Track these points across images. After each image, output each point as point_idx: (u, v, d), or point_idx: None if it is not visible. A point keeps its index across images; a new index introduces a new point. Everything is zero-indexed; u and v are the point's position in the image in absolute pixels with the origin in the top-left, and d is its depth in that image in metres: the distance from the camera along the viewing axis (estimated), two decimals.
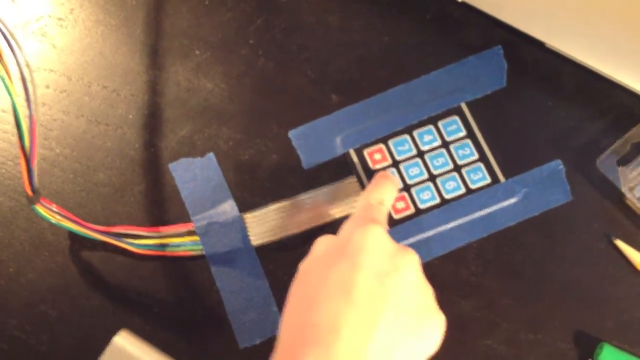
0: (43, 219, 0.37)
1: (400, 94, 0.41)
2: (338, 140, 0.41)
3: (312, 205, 0.39)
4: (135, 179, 0.40)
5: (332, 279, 0.29)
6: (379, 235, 0.30)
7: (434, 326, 0.30)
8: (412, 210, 0.40)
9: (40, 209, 0.36)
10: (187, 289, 0.39)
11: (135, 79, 0.42)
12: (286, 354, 0.28)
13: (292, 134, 0.41)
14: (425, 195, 0.40)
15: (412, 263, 0.30)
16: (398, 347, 0.28)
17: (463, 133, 0.40)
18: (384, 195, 0.34)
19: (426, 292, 0.30)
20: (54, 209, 0.37)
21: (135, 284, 0.39)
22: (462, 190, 0.40)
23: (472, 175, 0.40)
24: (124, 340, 0.35)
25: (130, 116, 0.41)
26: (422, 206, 0.40)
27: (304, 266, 0.31)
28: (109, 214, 0.40)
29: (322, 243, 0.32)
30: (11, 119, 0.38)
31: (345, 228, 0.32)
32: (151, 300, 0.38)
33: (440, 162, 0.40)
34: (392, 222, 0.39)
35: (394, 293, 0.29)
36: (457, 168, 0.40)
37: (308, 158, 0.41)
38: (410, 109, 0.41)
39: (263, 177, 0.40)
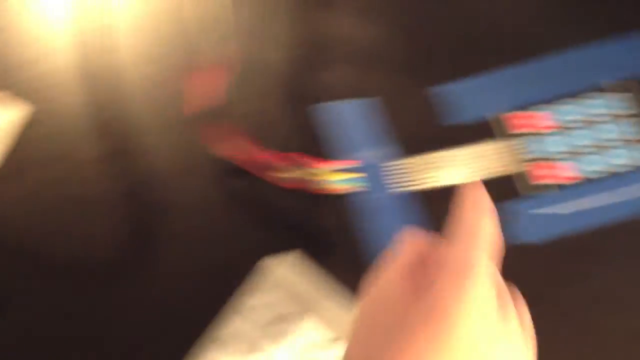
0: (203, 142, 0.38)
1: (560, 61, 0.41)
2: (488, 102, 0.41)
3: (458, 163, 0.39)
4: (292, 114, 0.42)
5: (419, 340, 0.23)
6: (482, 299, 0.23)
7: None
8: (559, 181, 0.39)
9: (201, 131, 0.38)
10: (332, 225, 0.40)
11: (298, 17, 0.43)
12: None
13: (443, 89, 0.41)
14: (583, 166, 0.39)
15: (519, 327, 0.25)
16: None
17: (629, 111, 0.40)
18: (488, 227, 0.26)
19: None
20: (216, 135, 0.38)
21: (280, 215, 0.40)
22: (613, 168, 0.39)
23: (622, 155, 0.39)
24: (276, 262, 0.37)
25: (293, 54, 0.43)
26: (584, 175, 0.39)
27: (371, 300, 0.26)
28: (265, 145, 0.41)
29: (397, 272, 0.26)
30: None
31: (437, 269, 0.25)
32: (294, 232, 0.40)
33: (599, 136, 0.40)
34: (539, 188, 0.39)
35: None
36: (605, 146, 0.39)
37: (455, 116, 0.41)
38: (568, 79, 0.41)
39: (413, 128, 0.41)
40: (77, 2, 0.44)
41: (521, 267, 0.39)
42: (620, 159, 0.39)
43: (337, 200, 0.40)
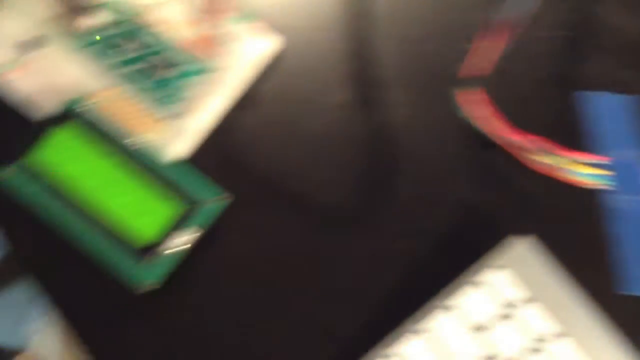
0: (458, 107, 0.37)
1: None
2: None
3: None
4: (551, 97, 0.40)
5: None
6: None
7: None
8: None
9: (460, 96, 0.37)
10: (574, 218, 0.38)
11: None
12: None
13: None
14: None
15: None
16: None
17: None
18: None
19: None
20: (475, 103, 0.38)
21: (524, 196, 0.38)
22: None
23: None
24: (515, 243, 0.35)
25: (559, 35, 0.41)
26: None
27: None
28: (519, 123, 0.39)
29: None
30: None
31: None
32: (534, 216, 0.38)
33: None
34: None
35: None
36: None
37: None
38: None
39: None
40: None
41: None
42: None
43: (584, 194, 0.38)
